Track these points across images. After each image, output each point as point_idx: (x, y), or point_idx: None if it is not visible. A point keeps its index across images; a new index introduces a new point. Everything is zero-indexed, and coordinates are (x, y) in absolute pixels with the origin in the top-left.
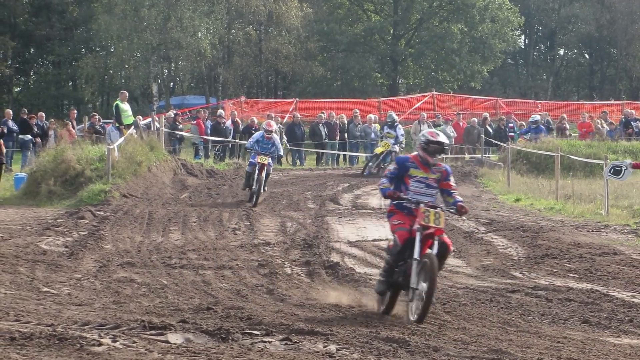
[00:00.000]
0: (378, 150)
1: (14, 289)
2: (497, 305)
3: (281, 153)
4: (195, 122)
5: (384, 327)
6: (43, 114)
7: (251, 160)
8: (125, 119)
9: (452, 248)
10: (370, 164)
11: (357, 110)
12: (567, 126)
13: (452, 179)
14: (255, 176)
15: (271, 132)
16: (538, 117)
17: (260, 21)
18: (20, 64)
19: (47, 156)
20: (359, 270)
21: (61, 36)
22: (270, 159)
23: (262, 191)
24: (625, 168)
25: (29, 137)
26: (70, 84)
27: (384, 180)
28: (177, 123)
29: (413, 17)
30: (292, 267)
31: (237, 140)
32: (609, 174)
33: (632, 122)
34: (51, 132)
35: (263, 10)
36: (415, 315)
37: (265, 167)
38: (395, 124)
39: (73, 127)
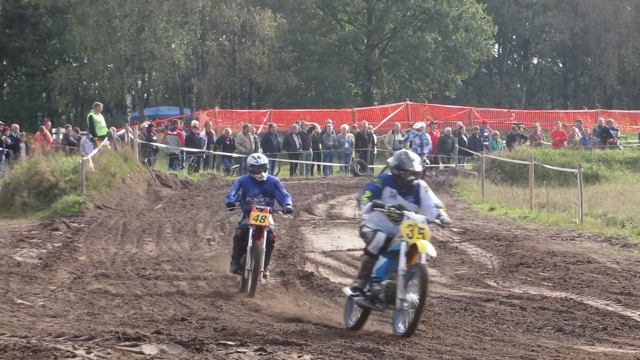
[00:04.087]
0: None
1: None
2: (472, 314)
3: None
4: (175, 132)
5: (358, 337)
6: (17, 126)
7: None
8: (99, 130)
9: None
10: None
11: (330, 120)
12: (542, 136)
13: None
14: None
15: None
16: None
17: (234, 32)
18: None
19: (20, 168)
20: (334, 280)
21: (34, 47)
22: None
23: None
24: None
25: (1, 149)
26: (44, 95)
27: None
28: (151, 134)
29: (387, 26)
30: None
31: (211, 151)
32: None
33: (611, 131)
34: (22, 145)
35: (237, 20)
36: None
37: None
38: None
39: (49, 135)
